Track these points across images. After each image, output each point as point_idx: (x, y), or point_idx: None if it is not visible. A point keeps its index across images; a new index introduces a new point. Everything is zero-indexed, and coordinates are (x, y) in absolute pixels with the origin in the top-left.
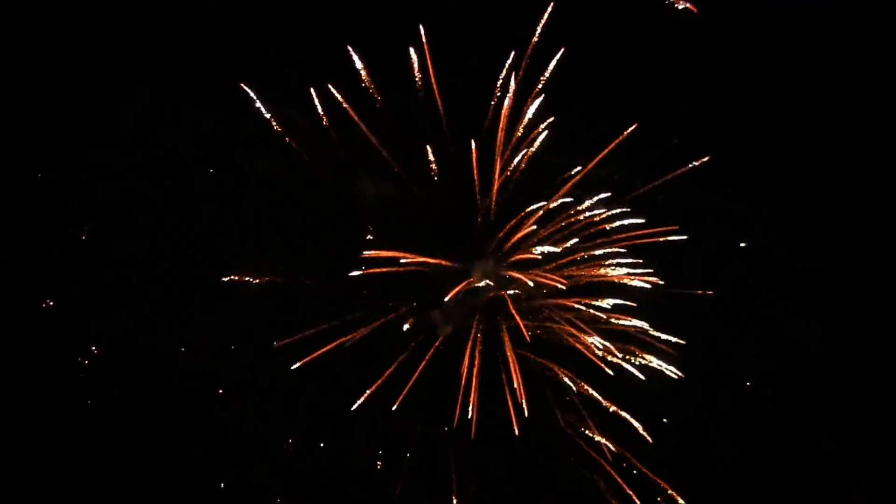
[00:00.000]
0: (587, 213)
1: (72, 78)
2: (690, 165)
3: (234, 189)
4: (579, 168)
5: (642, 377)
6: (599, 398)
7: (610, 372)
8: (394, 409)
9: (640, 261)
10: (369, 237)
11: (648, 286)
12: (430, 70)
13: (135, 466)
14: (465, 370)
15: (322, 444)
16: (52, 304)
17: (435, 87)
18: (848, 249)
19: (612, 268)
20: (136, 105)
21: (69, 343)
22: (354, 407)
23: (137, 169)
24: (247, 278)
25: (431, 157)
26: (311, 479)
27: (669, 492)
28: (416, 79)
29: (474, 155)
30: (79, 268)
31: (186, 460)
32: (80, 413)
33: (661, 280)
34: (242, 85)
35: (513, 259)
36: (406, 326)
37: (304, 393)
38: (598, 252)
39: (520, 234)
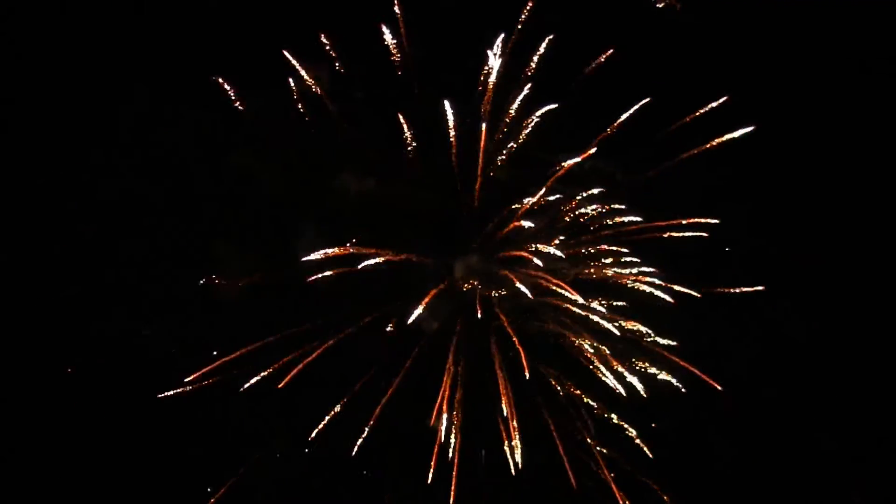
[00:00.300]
0: (582, 209)
1: (72, 78)
2: (684, 157)
3: (218, 189)
4: (574, 160)
5: (642, 391)
6: (592, 402)
7: (607, 381)
8: (378, 412)
9: (638, 260)
10: (353, 240)
11: (670, 299)
12: (405, 47)
13: (132, 466)
14: (445, 402)
15: (307, 450)
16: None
17: (407, 53)
18: (848, 249)
19: (615, 267)
20: (136, 105)
21: (66, 343)
22: (313, 435)
23: (137, 169)
24: (225, 280)
25: (407, 133)
26: (302, 481)
27: (663, 496)
28: (395, 61)
29: (452, 125)
30: (78, 267)
31: (183, 461)
32: (74, 413)
33: (689, 289)
34: (220, 79)
35: (502, 255)
36: (389, 328)
37: (297, 394)
38: (599, 249)
39: (507, 229)
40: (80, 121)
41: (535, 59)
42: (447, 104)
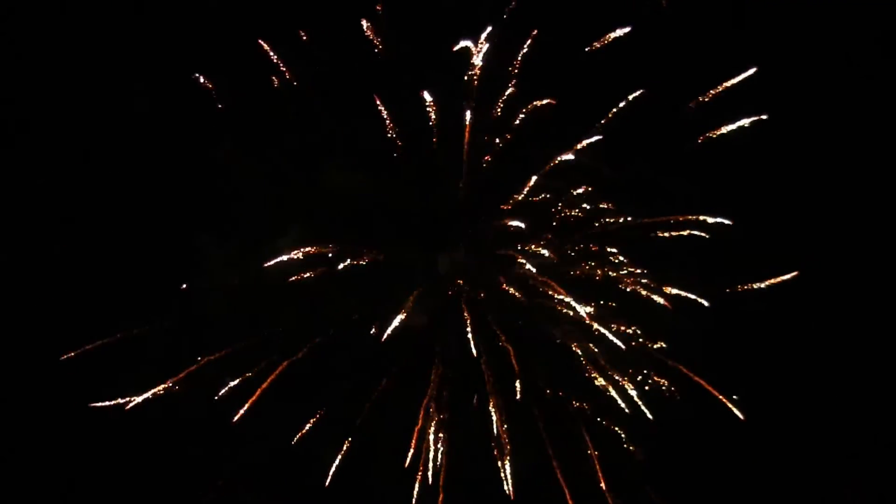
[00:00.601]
0: (570, 206)
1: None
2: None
3: (199, 186)
4: (567, 156)
5: (635, 395)
6: (585, 406)
7: (598, 384)
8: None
9: (628, 259)
10: (336, 238)
11: (663, 301)
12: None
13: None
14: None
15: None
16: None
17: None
18: (845, 247)
19: (604, 266)
20: (119, 103)
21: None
22: (294, 441)
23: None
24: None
25: (390, 126)
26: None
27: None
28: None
29: (433, 118)
30: (61, 267)
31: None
32: (59, 416)
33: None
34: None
35: (488, 253)
36: (372, 330)
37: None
38: (590, 247)
39: (493, 226)
40: (65, 118)
41: (522, 53)
42: (426, 94)
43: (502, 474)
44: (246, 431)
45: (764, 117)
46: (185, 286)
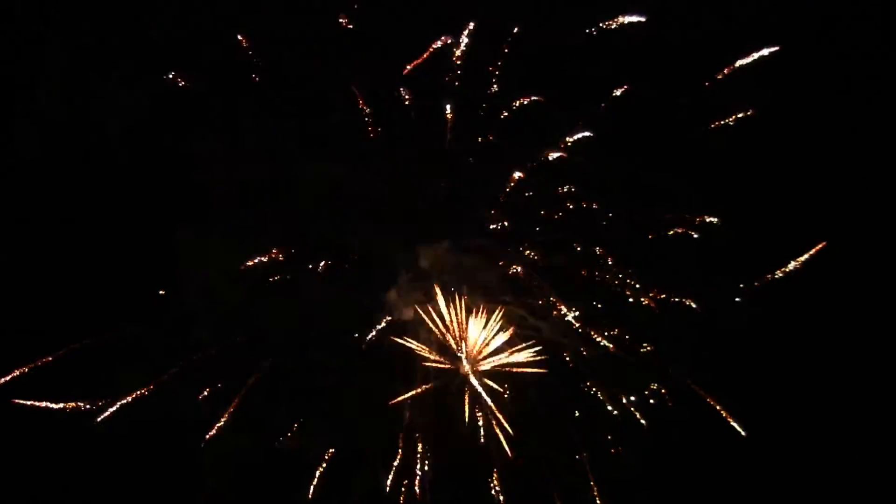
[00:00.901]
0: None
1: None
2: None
3: (177, 181)
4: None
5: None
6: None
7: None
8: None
9: (612, 261)
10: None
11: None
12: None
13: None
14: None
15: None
16: None
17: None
18: (845, 248)
19: (589, 267)
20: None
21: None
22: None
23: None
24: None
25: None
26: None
27: None
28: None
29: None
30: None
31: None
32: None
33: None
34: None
35: (471, 249)
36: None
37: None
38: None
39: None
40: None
41: (505, 49)
42: (406, 90)
43: (490, 477)
44: (232, 433)
45: (750, 113)
46: (163, 291)
